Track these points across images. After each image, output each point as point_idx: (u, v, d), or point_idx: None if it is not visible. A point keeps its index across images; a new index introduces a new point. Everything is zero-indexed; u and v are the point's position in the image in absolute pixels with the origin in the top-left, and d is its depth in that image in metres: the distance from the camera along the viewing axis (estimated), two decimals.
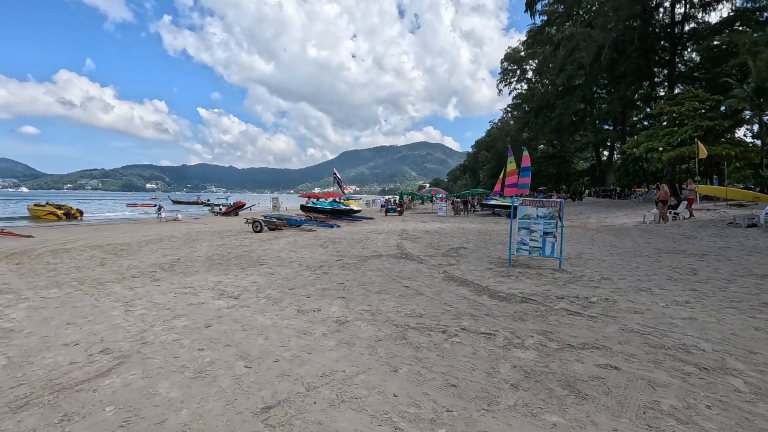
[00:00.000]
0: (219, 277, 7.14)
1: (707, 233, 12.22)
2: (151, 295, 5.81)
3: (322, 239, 13.28)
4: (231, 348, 3.74)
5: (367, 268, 7.95)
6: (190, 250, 11.05)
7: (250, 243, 12.64)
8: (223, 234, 15.92)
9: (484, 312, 4.82)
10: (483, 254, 9.68)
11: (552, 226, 7.53)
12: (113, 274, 7.60)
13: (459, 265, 8.21)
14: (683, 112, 25.05)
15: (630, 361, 3.40)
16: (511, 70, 67.90)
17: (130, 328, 4.32)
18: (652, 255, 9.01)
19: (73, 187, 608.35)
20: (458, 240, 12.74)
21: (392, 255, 9.67)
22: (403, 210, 31.32)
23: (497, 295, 5.62)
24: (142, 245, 12.58)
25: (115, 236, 16.12)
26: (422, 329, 4.19)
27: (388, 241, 12.76)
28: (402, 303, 5.25)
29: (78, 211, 33.06)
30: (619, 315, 4.68)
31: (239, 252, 10.55)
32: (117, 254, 10.54)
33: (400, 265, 8.18)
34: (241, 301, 5.46)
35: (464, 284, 6.38)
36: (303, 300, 5.46)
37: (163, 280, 6.95)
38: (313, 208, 24.30)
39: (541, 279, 6.74)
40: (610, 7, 28.95)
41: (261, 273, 7.51)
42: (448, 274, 7.23)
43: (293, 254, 9.98)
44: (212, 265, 8.47)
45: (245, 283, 6.58)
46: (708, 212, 17.28)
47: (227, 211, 34.98)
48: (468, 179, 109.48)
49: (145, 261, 9.27)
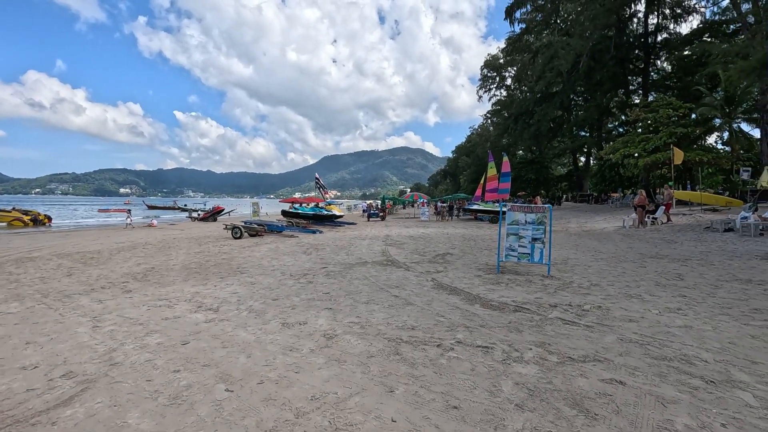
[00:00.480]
0: (197, 288, 6.75)
1: (686, 238, 12.45)
2: (122, 309, 5.41)
3: (305, 246, 12.93)
4: (210, 368, 3.43)
5: (353, 276, 7.69)
6: (166, 258, 10.55)
7: (229, 250, 12.19)
8: (200, 241, 15.36)
9: (478, 323, 4.63)
10: (470, 260, 9.55)
11: (540, 232, 7.45)
12: (81, 286, 7.11)
13: (447, 272, 8.04)
14: (658, 119, 25.80)
15: (634, 374, 3.26)
16: (490, 77, 68.95)
17: (98, 347, 3.94)
18: (637, 260, 9.06)
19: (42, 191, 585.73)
20: (443, 246, 12.61)
21: (378, 262, 9.44)
22: (386, 215, 31.13)
23: (489, 304, 5.45)
24: (114, 253, 11.97)
25: (85, 243, 15.36)
26: (416, 343, 3.97)
27: (373, 247, 12.52)
28: (392, 314, 5.02)
29: (46, 216, 31.63)
30: (614, 324, 4.57)
31: (218, 260, 10.12)
32: (86, 263, 9.96)
33: (387, 273, 7.96)
34: (221, 314, 5.12)
35: (454, 293, 6.20)
36: (288, 312, 5.16)
37: (135, 292, 6.52)
38: (295, 214, 23.85)
39: (532, 286, 6.62)
40: (587, 17, 29.69)
41: (242, 282, 7.16)
42: (437, 282, 7.04)
43: (275, 262, 9.63)
44: (189, 275, 8.05)
45: (225, 294, 6.22)
46: (684, 217, 17.70)
47: (205, 216, 34.05)
48: (449, 184, 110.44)
49: (116, 270, 8.76)
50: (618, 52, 33.37)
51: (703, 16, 30.31)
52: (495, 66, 66.82)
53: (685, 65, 32.28)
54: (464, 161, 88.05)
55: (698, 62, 31.23)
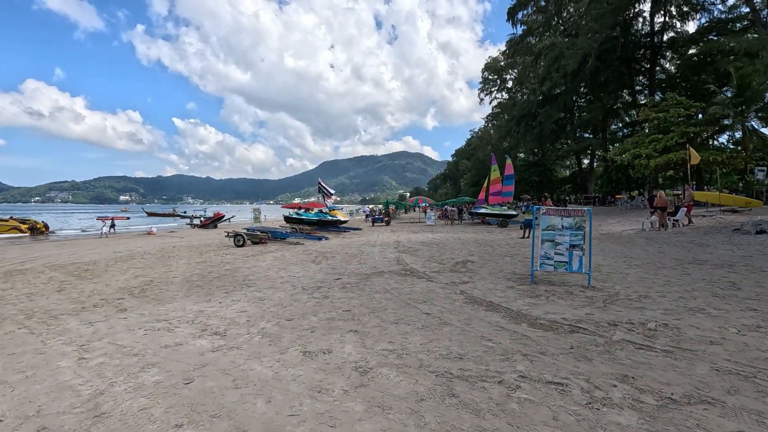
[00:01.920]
0: (200, 305, 6.03)
1: (717, 241, 11.74)
2: (114, 334, 4.68)
3: (313, 254, 12.22)
4: (222, 420, 2.71)
5: (371, 288, 6.97)
6: (165, 270, 9.83)
7: (233, 259, 11.47)
8: (201, 249, 14.65)
9: (535, 348, 3.92)
10: (494, 269, 8.83)
11: (579, 237, 6.74)
12: (71, 303, 6.38)
13: (474, 282, 7.32)
14: (668, 119, 25.18)
15: (764, 424, 2.55)
16: (491, 79, 68.55)
17: (82, 389, 3.22)
18: (676, 267, 8.34)
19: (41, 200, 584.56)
20: (460, 252, 11.89)
21: (395, 271, 8.72)
22: (390, 220, 30.43)
23: (538, 323, 4.74)
24: (110, 264, 11.26)
25: (81, 253, 14.66)
26: (471, 379, 3.25)
27: (386, 254, 11.81)
28: (429, 338, 4.30)
29: (44, 225, 30.96)
30: (696, 348, 3.86)
31: (222, 271, 9.40)
32: (80, 276, 9.24)
33: (409, 285, 7.24)
34: (230, 339, 4.40)
35: (492, 308, 5.48)
36: (307, 336, 4.44)
37: (131, 311, 5.79)
38: (299, 220, 23.14)
39: (575, 299, 5.91)
40: (594, 16, 29.18)
41: (250, 298, 6.44)
42: (468, 295, 6.32)
43: (284, 273, 8.91)
44: (191, 289, 7.32)
45: (232, 313, 5.50)
46: (704, 218, 17.01)
47: (205, 223, 33.35)
48: (449, 188, 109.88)
49: (111, 284, 8.04)
50: (624, 52, 32.84)
51: (711, 14, 29.75)
52: (496, 68, 66.42)
53: (692, 64, 31.73)
54: (465, 165, 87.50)
55: (705, 61, 30.73)
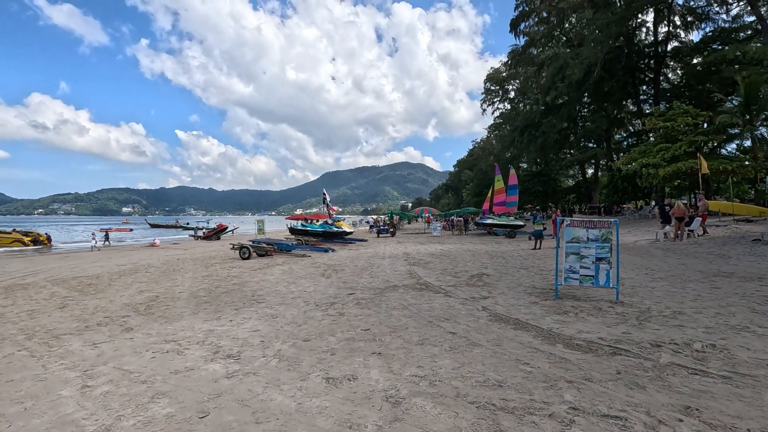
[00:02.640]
0: (209, 323, 5.72)
1: (738, 252, 11.39)
2: (120, 357, 4.37)
3: (321, 267, 11.90)
4: None
5: (388, 304, 6.65)
6: (171, 284, 9.52)
7: (239, 273, 11.17)
8: (206, 262, 14.36)
9: (578, 374, 3.59)
10: (512, 282, 8.49)
11: (606, 250, 6.42)
12: (74, 322, 6.08)
13: (494, 297, 6.99)
14: (676, 128, 24.99)
15: None
16: (493, 90, 68.82)
17: (86, 425, 2.90)
18: (702, 279, 8.00)
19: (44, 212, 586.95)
20: (473, 265, 11.56)
21: (409, 286, 8.40)
22: (396, 231, 30.13)
23: (575, 344, 4.41)
24: (114, 278, 10.97)
25: (84, 267, 14.39)
26: (517, 411, 2.93)
27: (397, 267, 11.49)
28: (461, 361, 3.98)
29: (47, 237, 30.79)
30: (754, 372, 3.53)
31: (229, 285, 9.10)
32: (83, 291, 8.95)
33: (426, 300, 6.91)
34: (244, 362, 4.08)
35: (520, 327, 5.15)
36: (327, 359, 4.12)
37: (137, 330, 5.49)
38: (304, 231, 22.87)
39: (606, 316, 5.57)
40: (599, 26, 29.21)
41: (261, 315, 6.12)
42: (491, 311, 6.00)
43: (294, 287, 8.59)
44: (199, 305, 7.01)
45: (244, 333, 5.19)
46: (719, 228, 16.67)
47: (208, 234, 33.11)
48: (451, 198, 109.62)
49: (116, 300, 7.74)
50: (628, 62, 32.83)
51: (715, 23, 29.71)
52: (498, 79, 66.69)
53: (697, 74, 31.64)
54: (467, 175, 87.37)
55: (710, 70, 30.63)
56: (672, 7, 30.22)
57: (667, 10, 30.27)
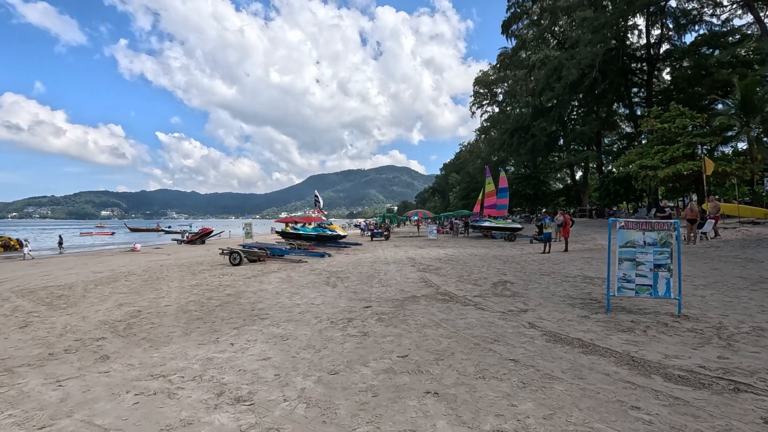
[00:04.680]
0: (206, 348, 4.67)
1: (764, 255, 10.81)
2: (91, 403, 3.30)
3: (323, 274, 10.87)
4: None
5: (415, 320, 5.69)
6: (155, 296, 8.37)
7: (232, 281, 10.06)
8: (193, 268, 13.17)
9: (712, 423, 2.70)
10: (543, 291, 7.63)
11: (665, 256, 5.61)
12: (36, 347, 4.96)
13: (535, 311, 6.10)
14: (673, 129, 24.78)
15: None
16: (482, 93, 68.70)
17: None
18: (752, 287, 7.26)
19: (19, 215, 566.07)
20: (488, 271, 10.68)
21: (429, 296, 7.45)
22: (390, 234, 29.18)
23: (676, 376, 3.52)
24: (89, 287, 9.74)
25: (57, 274, 13.07)
26: None
27: (406, 273, 10.53)
28: (547, 404, 3.04)
29: (18, 242, 28.82)
30: None
31: (223, 296, 8.01)
32: (51, 305, 7.74)
33: (458, 314, 5.97)
34: (261, 410, 3.07)
35: (590, 350, 4.25)
36: (370, 404, 3.13)
37: (115, 359, 4.40)
38: (296, 235, 21.71)
39: (681, 334, 4.73)
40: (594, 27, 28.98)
41: (268, 336, 5.09)
42: (541, 329, 5.09)
43: (298, 298, 7.56)
44: (190, 323, 5.93)
45: (252, 361, 4.15)
46: (728, 231, 16.22)
47: (192, 239, 31.59)
48: (437, 201, 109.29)
49: (90, 316, 6.59)
50: (621, 64, 32.75)
51: (710, 26, 29.78)
52: (486, 82, 66.58)
53: (689, 76, 31.70)
54: (454, 178, 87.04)
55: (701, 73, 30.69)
56: (665, 10, 30.20)
57: (660, 13, 30.25)
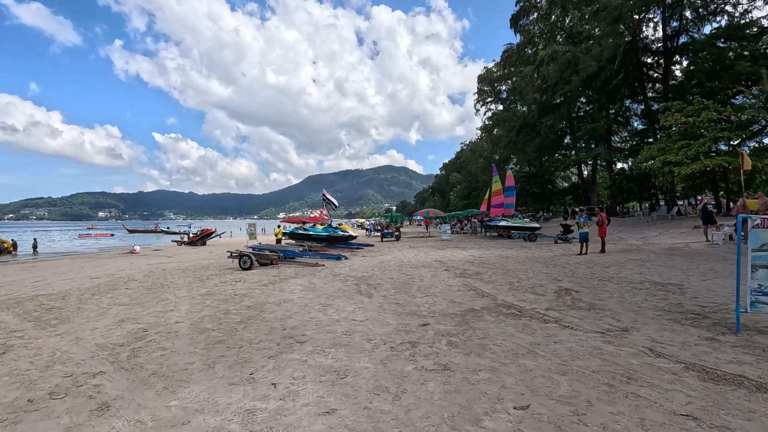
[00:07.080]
0: (240, 392, 3.46)
1: None
2: None
3: (349, 280, 9.66)
4: None
5: (496, 344, 4.49)
6: (162, 308, 7.15)
7: (248, 289, 8.85)
8: (200, 273, 11.96)
9: None
10: (626, 303, 6.42)
11: None
12: (12, 388, 3.74)
13: (639, 330, 4.90)
14: (697, 123, 23.69)
15: None
16: (486, 91, 67.59)
17: None
18: None
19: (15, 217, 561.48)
20: (537, 276, 9.48)
21: (491, 309, 6.26)
22: (400, 234, 28.01)
23: None
24: (85, 297, 8.52)
25: (50, 279, 11.84)
26: None
27: (443, 279, 9.33)
28: None
29: (12, 244, 27.59)
30: None
31: (242, 309, 6.79)
32: (40, 320, 6.51)
33: (545, 336, 4.78)
34: None
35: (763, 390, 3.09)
36: None
37: (118, 413, 3.18)
38: (306, 236, 20.51)
39: None
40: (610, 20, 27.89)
41: (318, 370, 3.89)
42: (678, 360, 3.90)
43: (333, 312, 6.34)
44: (211, 348, 4.71)
45: (313, 422, 2.94)
46: None
47: (193, 239, 30.37)
48: (437, 201, 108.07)
49: (85, 338, 5.37)
50: (637, 57, 31.67)
51: (732, 17, 28.69)
52: (490, 80, 65.46)
53: (708, 69, 30.63)
54: (455, 177, 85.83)
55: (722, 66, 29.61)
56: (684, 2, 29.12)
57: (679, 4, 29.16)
